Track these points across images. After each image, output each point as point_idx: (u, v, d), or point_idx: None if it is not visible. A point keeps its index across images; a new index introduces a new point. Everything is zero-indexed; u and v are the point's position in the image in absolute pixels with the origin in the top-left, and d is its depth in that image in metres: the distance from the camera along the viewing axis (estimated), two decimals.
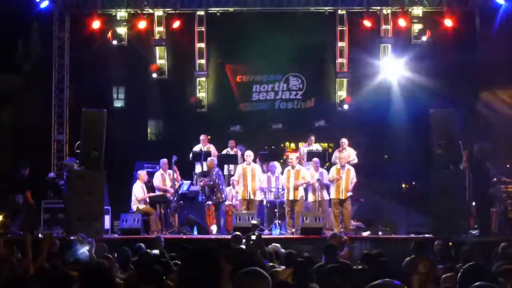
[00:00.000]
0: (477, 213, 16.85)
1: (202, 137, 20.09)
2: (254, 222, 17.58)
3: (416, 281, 9.96)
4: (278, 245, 12.48)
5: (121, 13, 22.57)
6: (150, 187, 19.01)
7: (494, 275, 5.60)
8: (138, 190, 18.63)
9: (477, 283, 4.23)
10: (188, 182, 19.25)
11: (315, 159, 18.85)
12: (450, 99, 19.59)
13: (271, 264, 10.06)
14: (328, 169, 18.91)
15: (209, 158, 18.86)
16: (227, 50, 23.74)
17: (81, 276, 5.21)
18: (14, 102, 21.68)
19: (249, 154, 18.94)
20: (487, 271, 5.40)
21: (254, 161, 19.20)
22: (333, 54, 23.20)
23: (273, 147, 22.10)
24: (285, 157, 20.65)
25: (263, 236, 15.03)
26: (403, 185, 22.22)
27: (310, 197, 18.69)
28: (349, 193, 18.17)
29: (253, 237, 12.97)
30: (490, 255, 11.18)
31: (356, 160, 19.34)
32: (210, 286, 4.61)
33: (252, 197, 18.58)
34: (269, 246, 12.13)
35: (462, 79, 21.24)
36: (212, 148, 19.94)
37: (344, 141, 19.40)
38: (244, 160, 19.05)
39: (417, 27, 22.21)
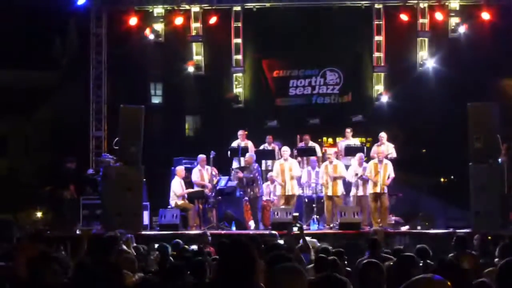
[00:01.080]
0: None
1: (240, 132, 20.10)
2: (295, 214, 17.64)
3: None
4: (315, 240, 12.49)
5: (158, 9, 22.63)
6: (188, 183, 19.08)
7: None
8: (177, 186, 18.70)
9: None
10: (226, 177, 19.30)
11: (360, 154, 18.75)
12: (488, 92, 19.43)
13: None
14: (366, 163, 18.86)
15: (247, 154, 18.88)
16: (263, 45, 23.74)
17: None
18: (52, 99, 21.90)
19: (286, 149, 18.92)
20: None
21: (291, 156, 19.20)
22: (370, 49, 23.09)
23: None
24: (323, 152, 20.60)
25: None
26: (442, 180, 22.06)
27: (352, 191, 18.63)
28: (385, 188, 18.07)
29: (295, 228, 12.97)
30: None
31: (394, 155, 19.21)
32: (245, 280, 4.64)
33: (290, 192, 18.57)
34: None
35: (500, 72, 21.03)
36: (250, 144, 19.93)
37: (383, 135, 19.30)
38: (281, 156, 19.05)
39: (454, 20, 21.99)
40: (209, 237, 13.57)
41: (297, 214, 17.62)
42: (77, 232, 16.62)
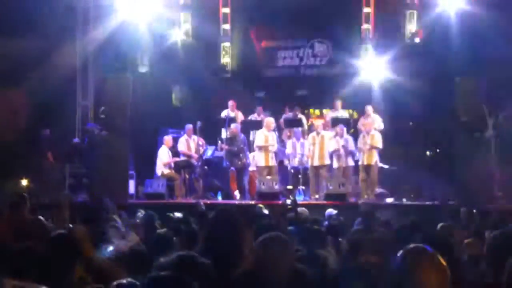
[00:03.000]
0: (502, 181, 16.72)
1: (230, 102, 20.04)
2: (289, 187, 17.71)
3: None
4: (305, 209, 12.51)
5: None
6: (174, 152, 19.06)
7: None
8: (164, 155, 18.69)
9: None
10: (213, 147, 19.30)
11: (340, 126, 18.78)
12: (476, 66, 19.38)
13: None
14: (353, 135, 18.85)
15: (232, 124, 18.83)
16: (252, 15, 23.61)
17: None
18: (38, 67, 21.72)
19: (270, 120, 18.90)
20: None
21: (278, 126, 19.18)
22: (359, 20, 23.02)
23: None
24: (309, 123, 20.60)
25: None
26: (428, 153, 22.07)
27: (335, 164, 18.65)
28: (374, 160, 18.10)
29: (288, 201, 13.00)
30: None
31: (382, 126, 19.23)
32: (232, 249, 4.64)
33: (271, 163, 18.54)
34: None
35: (489, 46, 20.96)
36: (239, 115, 19.89)
37: (369, 108, 19.30)
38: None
39: None
40: (203, 207, 13.55)
41: (291, 186, 17.71)
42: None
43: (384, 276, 3.45)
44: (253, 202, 14.83)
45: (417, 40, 21.96)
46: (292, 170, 18.72)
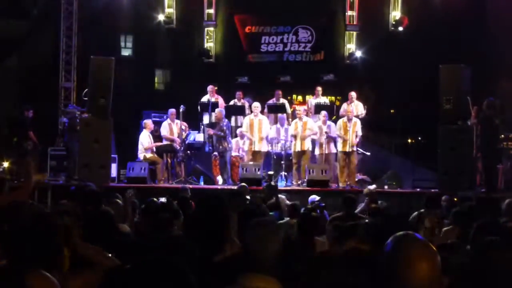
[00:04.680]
0: (484, 169, 16.80)
1: (209, 88, 19.99)
2: (270, 172, 17.74)
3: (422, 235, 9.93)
4: (283, 196, 12.54)
5: None
6: (157, 136, 19.02)
7: (506, 231, 5.61)
8: (145, 139, 18.63)
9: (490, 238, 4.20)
10: (195, 132, 19.27)
11: (324, 112, 18.81)
12: (460, 54, 19.43)
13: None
14: (335, 122, 18.88)
15: (217, 109, 18.79)
16: (236, 0, 23.58)
17: None
18: (21, 48, 21.61)
19: (257, 105, 18.91)
20: (499, 227, 5.40)
21: (262, 112, 19.19)
22: (343, 7, 23.03)
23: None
24: (292, 109, 20.61)
25: None
26: (409, 140, 22.16)
27: (317, 150, 18.68)
28: (354, 147, 18.14)
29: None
30: (496, 211, 11.14)
31: (364, 114, 19.28)
32: (217, 234, 4.64)
33: (257, 149, 18.60)
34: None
35: (473, 34, 21.04)
36: (220, 99, 19.88)
37: (353, 94, 19.35)
38: (251, 112, 19.02)
39: None
40: (189, 192, 13.53)
41: (272, 172, 17.75)
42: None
43: (372, 263, 3.45)
44: (235, 187, 14.80)
45: (401, 27, 22.01)
46: (274, 156, 18.74)
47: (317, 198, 12.74)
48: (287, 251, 3.80)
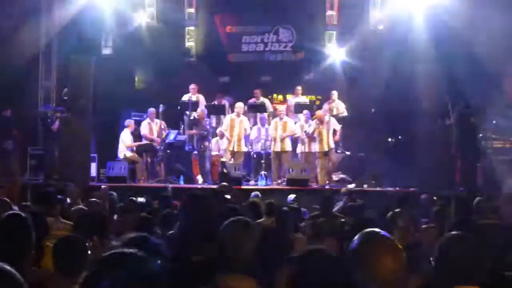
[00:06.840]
0: (463, 168, 16.90)
1: (191, 86, 20.01)
2: (244, 173, 17.83)
3: (396, 235, 9.98)
4: (258, 193, 12.64)
5: None
6: (137, 135, 19.01)
7: (479, 229, 5.67)
8: (127, 138, 18.63)
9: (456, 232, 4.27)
10: (175, 131, 19.27)
11: (306, 111, 18.87)
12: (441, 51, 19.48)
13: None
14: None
15: (199, 109, 18.85)
16: (217, 0, 23.57)
17: None
18: (1, 47, 21.49)
19: (239, 105, 18.94)
20: (471, 226, 5.47)
21: (243, 112, 19.22)
22: (323, 7, 23.03)
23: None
24: (272, 109, 20.63)
25: (249, 187, 15.16)
26: (389, 139, 22.21)
27: (298, 149, 18.73)
28: (333, 144, 18.21)
29: None
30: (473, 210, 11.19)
31: (345, 113, 19.35)
32: (202, 232, 4.66)
33: (236, 149, 18.62)
34: (252, 194, 12.38)
35: (453, 34, 21.11)
36: (201, 98, 19.88)
37: (334, 93, 19.42)
38: (232, 111, 19.04)
39: None
40: (170, 191, 13.55)
41: (245, 172, 17.82)
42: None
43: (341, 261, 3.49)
44: (215, 187, 14.82)
45: (380, 27, 22.04)
46: (254, 155, 18.78)
47: (293, 197, 12.83)
48: (263, 250, 3.84)
